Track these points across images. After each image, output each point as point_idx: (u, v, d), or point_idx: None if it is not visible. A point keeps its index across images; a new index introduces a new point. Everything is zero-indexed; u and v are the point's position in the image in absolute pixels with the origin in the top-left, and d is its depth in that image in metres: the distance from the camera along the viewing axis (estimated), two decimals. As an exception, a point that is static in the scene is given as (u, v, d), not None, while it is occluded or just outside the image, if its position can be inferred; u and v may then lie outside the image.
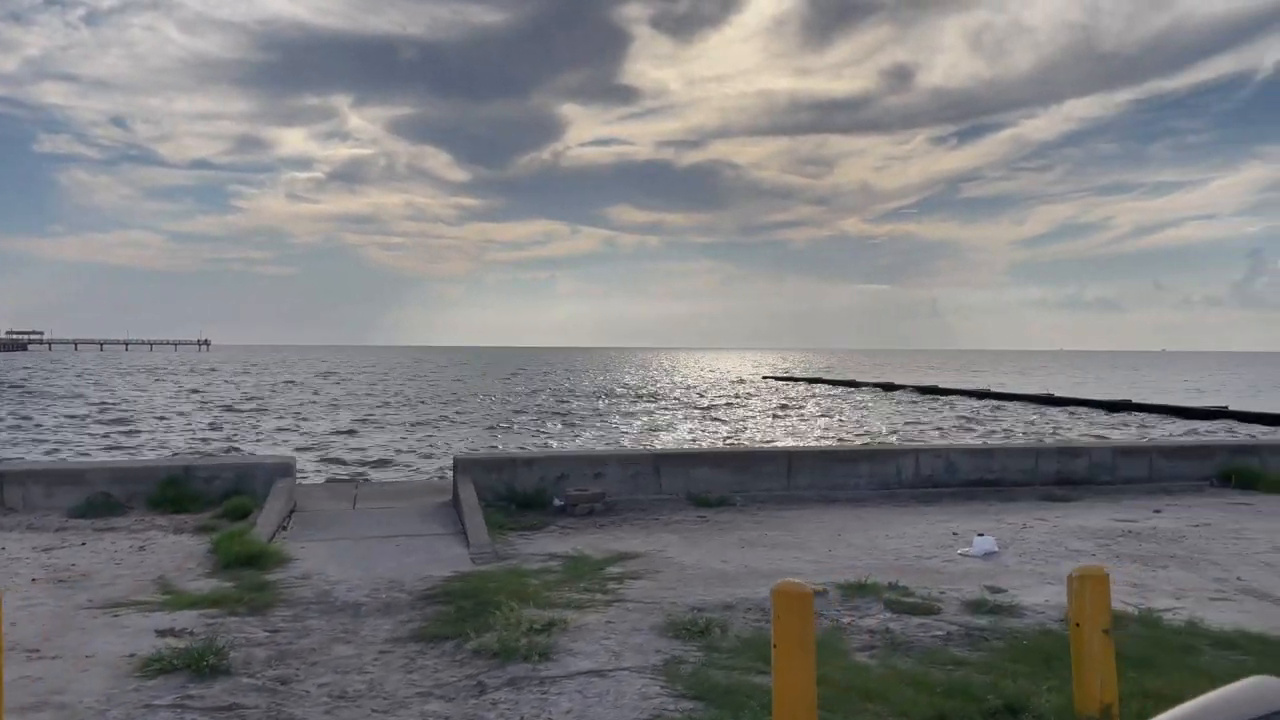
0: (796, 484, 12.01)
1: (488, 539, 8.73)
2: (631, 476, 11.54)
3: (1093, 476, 12.80)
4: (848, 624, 6.45)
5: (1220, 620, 6.51)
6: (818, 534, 9.48)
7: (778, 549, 8.78)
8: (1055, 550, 8.72)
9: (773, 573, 7.83)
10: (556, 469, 11.29)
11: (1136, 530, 9.69)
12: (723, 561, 8.22)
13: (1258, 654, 5.80)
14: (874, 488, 12.22)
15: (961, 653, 5.86)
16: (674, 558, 8.35)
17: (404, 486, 12.83)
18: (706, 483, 11.67)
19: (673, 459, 11.79)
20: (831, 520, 10.28)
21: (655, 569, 7.92)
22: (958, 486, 12.38)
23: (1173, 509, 11.11)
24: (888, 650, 5.90)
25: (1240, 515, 10.66)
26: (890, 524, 10.06)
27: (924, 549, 8.83)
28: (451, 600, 6.90)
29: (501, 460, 11.37)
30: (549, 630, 6.02)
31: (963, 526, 9.87)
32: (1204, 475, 13.11)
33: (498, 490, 10.99)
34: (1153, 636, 6.09)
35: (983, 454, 12.62)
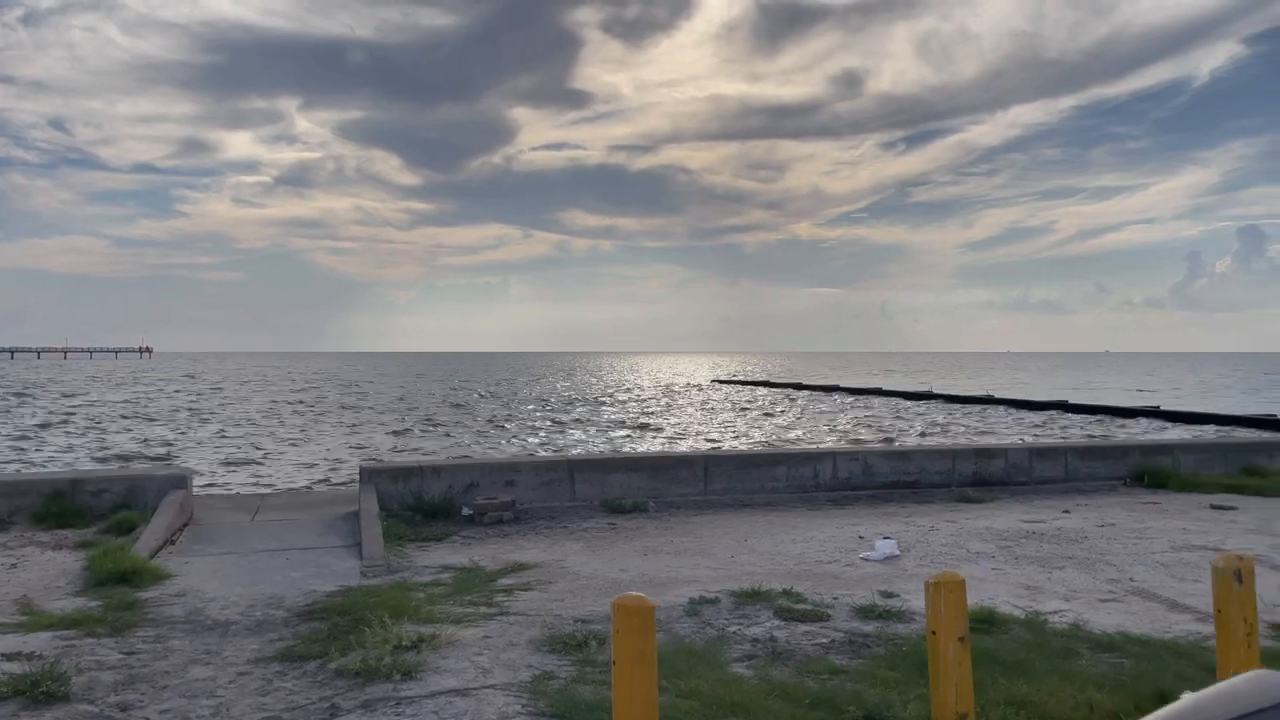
0: (713, 488, 11.89)
1: (382, 551, 8.46)
2: (545, 484, 11.33)
3: (1009, 477, 12.87)
4: (734, 633, 6.32)
5: (1105, 622, 6.49)
6: (724, 540, 9.36)
7: (680, 556, 8.63)
8: (957, 553, 8.69)
9: (668, 581, 7.70)
10: (466, 477, 11.04)
11: (1041, 531, 9.71)
12: (620, 571, 8.04)
13: (1136, 656, 5.77)
14: (791, 491, 12.15)
15: (841, 661, 5.75)
16: (571, 567, 8.16)
17: (312, 497, 12.48)
18: (622, 489, 11.50)
19: (587, 465, 11.60)
20: (742, 525, 10.17)
21: (549, 580, 7.73)
22: (875, 489, 12.37)
23: (1082, 509, 11.19)
24: (768, 660, 5.77)
25: (1146, 515, 10.76)
26: (799, 528, 9.97)
27: (828, 553, 8.74)
28: (328, 617, 6.64)
29: (409, 469, 11.07)
30: (419, 647, 5.80)
31: (871, 530, 9.81)
32: (1118, 475, 13.26)
33: (405, 500, 10.71)
34: (1035, 640, 6.04)
35: (899, 456, 12.62)
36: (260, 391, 69.78)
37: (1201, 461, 13.59)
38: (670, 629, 6.38)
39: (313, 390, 72.38)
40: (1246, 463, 13.67)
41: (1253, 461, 13.72)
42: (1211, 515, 10.68)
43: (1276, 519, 10.41)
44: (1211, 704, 1.61)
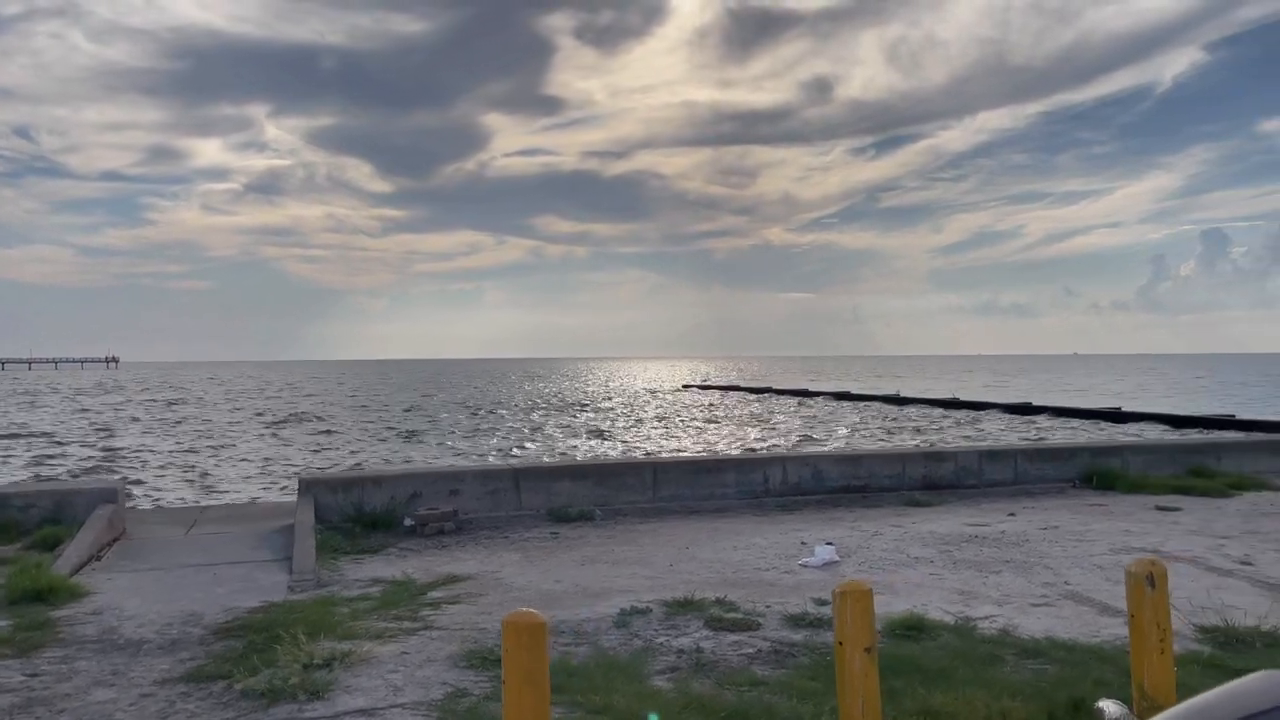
0: (662, 495, 11.78)
1: (312, 565, 8.27)
2: (490, 493, 11.17)
3: (959, 480, 12.87)
4: (661, 644, 6.20)
5: (1035, 627, 6.45)
6: (666, 548, 9.25)
7: (619, 565, 8.51)
8: (897, 557, 8.63)
9: (603, 591, 7.58)
10: (409, 487, 10.86)
11: (984, 534, 9.69)
12: (556, 581, 7.91)
13: (1060, 662, 5.72)
14: (741, 497, 12.06)
15: (764, 672, 5.65)
16: (506, 579, 8.02)
17: (253, 510, 12.23)
18: (569, 497, 11.36)
19: (533, 473, 11.45)
20: (686, 532, 10.07)
21: (481, 592, 7.58)
22: (825, 494, 12.31)
23: (1028, 511, 11.19)
24: (690, 672, 5.66)
25: (1091, 517, 10.78)
26: (744, 535, 9.88)
27: (768, 560, 8.66)
28: (246, 634, 6.45)
29: (349, 479, 10.88)
30: (331, 665, 5.63)
31: (816, 535, 9.74)
32: (1068, 477, 13.30)
33: (345, 511, 10.51)
34: (960, 647, 5.98)
35: (849, 460, 12.58)
36: (220, 401, 68.90)
37: (1150, 463, 13.66)
38: (596, 641, 6.26)
39: (272, 399, 71.59)
40: (1194, 463, 13.76)
41: (1200, 462, 13.81)
42: (1155, 517, 10.71)
43: (1218, 520, 10.46)
44: (1219, 703, 1.59)
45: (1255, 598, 7.14)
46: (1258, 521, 10.35)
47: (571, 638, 6.34)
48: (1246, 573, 7.97)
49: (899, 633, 6.30)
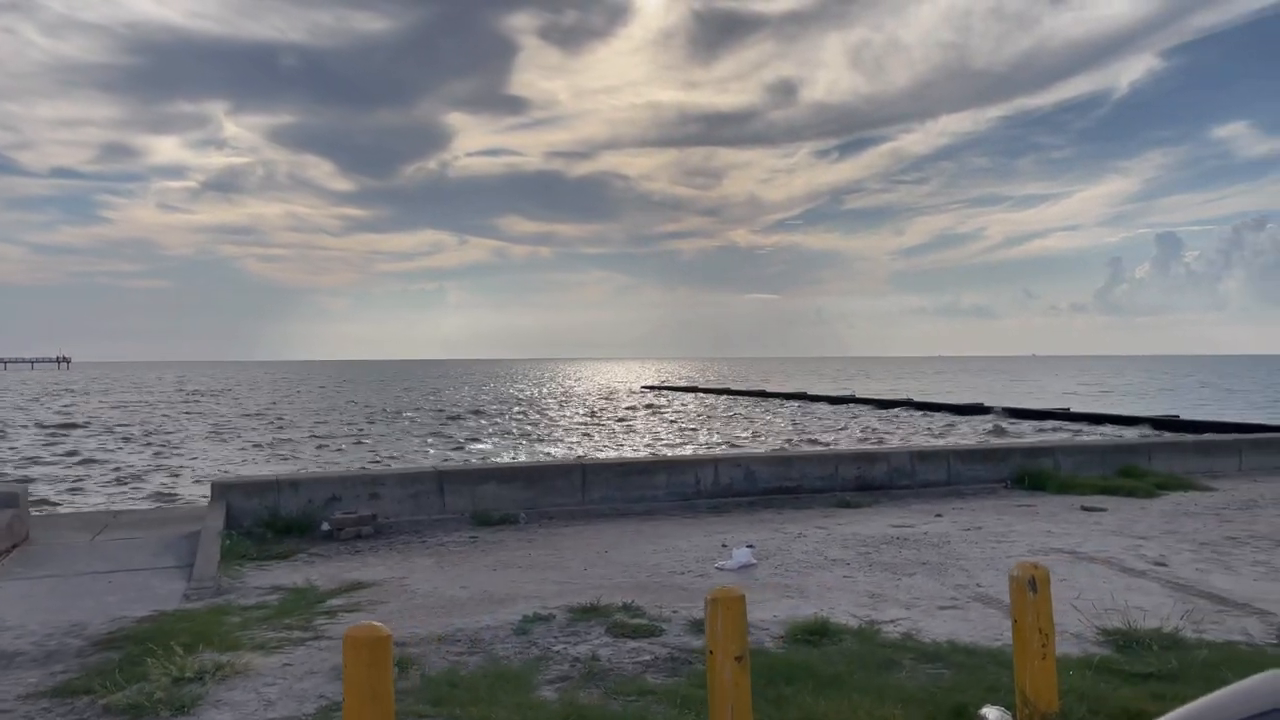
0: (591, 497, 11.62)
1: (213, 572, 7.99)
2: (412, 496, 10.93)
3: (892, 481, 12.84)
4: (558, 652, 6.04)
5: (939, 631, 6.37)
6: (584, 551, 9.08)
7: (532, 570, 8.33)
8: (814, 560, 8.54)
9: (509, 597, 7.40)
10: (326, 490, 10.59)
11: (906, 536, 9.63)
12: (462, 587, 7.71)
13: (957, 666, 5.64)
14: (672, 499, 11.93)
15: (657, 680, 5.51)
16: (412, 585, 7.80)
17: (168, 514, 11.88)
18: (495, 499, 11.16)
19: (457, 476, 11.23)
20: (610, 535, 9.91)
21: (383, 599, 7.36)
22: (756, 495, 12.22)
23: (956, 512, 11.18)
24: (581, 681, 5.50)
25: (1016, 517, 10.78)
26: (667, 537, 9.75)
27: (685, 563, 8.53)
28: (126, 646, 6.18)
29: (265, 483, 10.58)
30: (204, 679, 5.40)
31: (739, 537, 9.63)
32: (1000, 477, 13.33)
33: (260, 516, 10.22)
34: (860, 651, 5.88)
35: (781, 462, 12.50)
36: (166, 402, 67.63)
37: (1081, 463, 13.75)
38: (491, 650, 6.08)
39: (218, 400, 70.42)
40: (1125, 464, 13.86)
41: (1131, 463, 13.92)
42: (1079, 517, 10.74)
43: (1140, 520, 10.51)
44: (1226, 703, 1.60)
45: (1163, 599, 7.13)
46: (1179, 522, 10.41)
47: (466, 646, 6.16)
48: (1159, 574, 7.97)
49: (801, 637, 6.19)
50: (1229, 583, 7.63)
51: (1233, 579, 7.76)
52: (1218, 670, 5.38)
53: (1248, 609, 6.87)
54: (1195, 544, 9.17)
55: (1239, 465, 14.91)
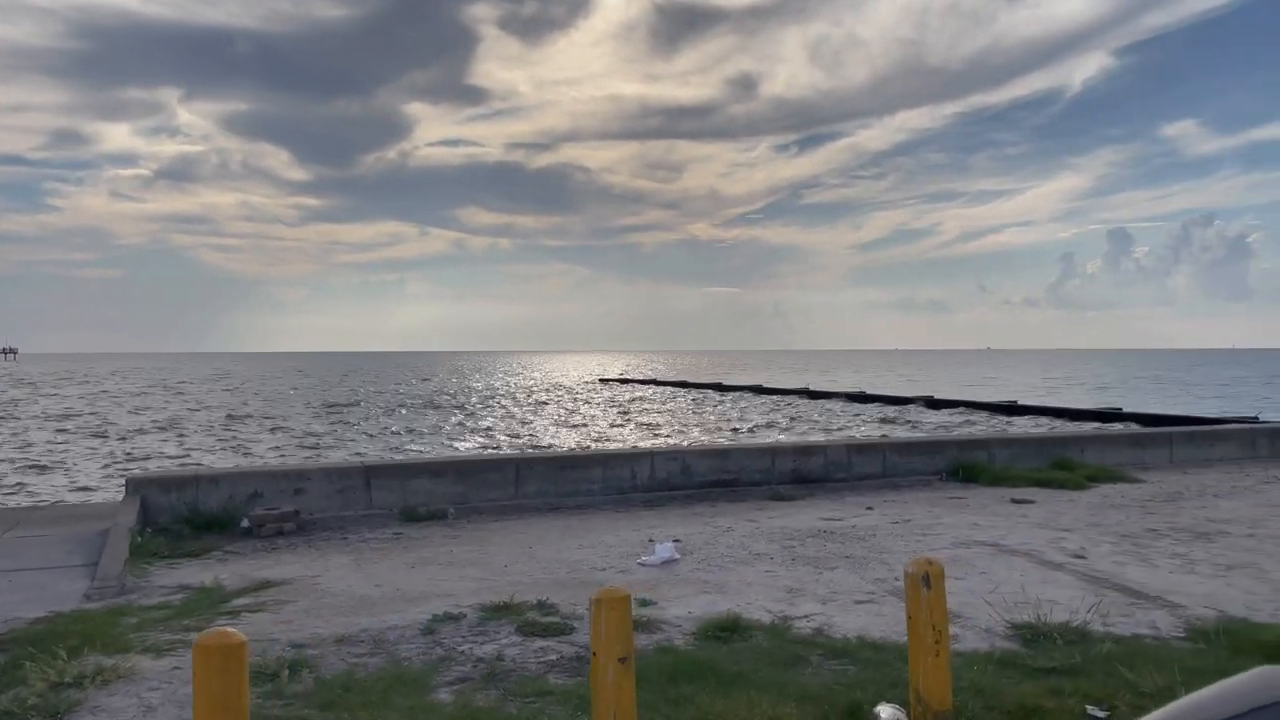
0: (525, 492, 11.47)
1: (118, 572, 7.73)
2: (339, 491, 10.71)
3: (828, 474, 12.85)
4: (463, 653, 5.89)
5: (851, 626, 6.33)
6: (509, 548, 8.94)
7: (452, 567, 8.17)
8: (738, 555, 8.48)
9: (423, 596, 7.24)
10: (249, 486, 10.33)
11: (835, 529, 9.62)
12: (376, 586, 7.53)
13: (864, 662, 5.60)
14: (607, 493, 11.83)
15: (559, 680, 5.39)
16: (325, 584, 7.61)
17: (83, 510, 11.51)
18: (425, 495, 10.97)
19: (386, 470, 11.02)
20: (538, 531, 9.78)
21: (291, 599, 7.16)
22: (693, 489, 12.16)
23: (888, 505, 11.20)
24: (481, 683, 5.37)
25: (946, 509, 10.82)
26: (595, 532, 9.64)
27: (609, 559, 8.42)
28: (13, 649, 5.94)
29: (184, 478, 10.29)
30: (84, 683, 5.18)
31: (670, 532, 9.55)
32: (935, 470, 13.40)
33: (178, 512, 9.95)
34: (769, 648, 5.82)
35: (718, 454, 12.45)
36: (100, 394, 66.20)
37: (1016, 456, 13.86)
38: (394, 651, 5.92)
39: (154, 393, 69.11)
40: (1059, 456, 14.01)
41: (1065, 455, 14.06)
42: (1007, 509, 10.81)
43: (1066, 512, 10.60)
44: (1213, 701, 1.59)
45: (1077, 591, 7.17)
46: (1104, 514, 10.52)
47: (369, 647, 6.00)
48: (1077, 566, 8.02)
49: (712, 634, 6.12)
50: (1144, 575, 7.69)
51: (1148, 571, 7.83)
52: (1120, 664, 5.39)
53: (1159, 602, 6.92)
54: (1116, 536, 9.25)
55: (1170, 457, 15.14)
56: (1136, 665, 5.34)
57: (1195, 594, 7.10)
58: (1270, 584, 7.42)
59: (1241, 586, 7.34)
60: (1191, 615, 6.54)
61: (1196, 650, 5.71)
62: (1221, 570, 7.85)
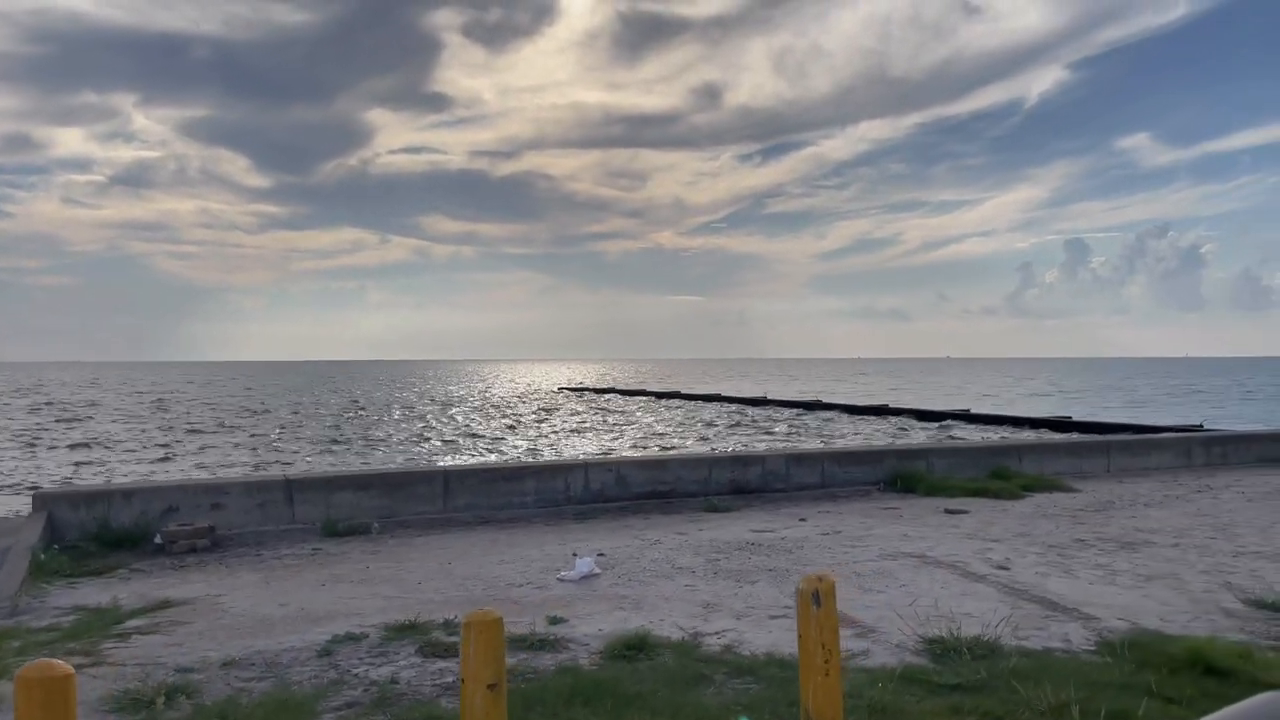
0: (455, 505, 11.24)
1: (13, 591, 7.38)
2: (259, 506, 10.40)
3: (766, 484, 12.76)
4: (357, 675, 5.67)
5: (762, 642, 6.20)
6: (427, 563, 8.71)
7: (364, 584, 7.93)
8: (661, 569, 8.33)
9: (327, 615, 7.00)
10: (163, 500, 10.00)
11: (763, 541, 9.51)
12: (281, 605, 7.27)
13: (768, 680, 5.46)
14: (541, 505, 11.63)
15: (452, 704, 5.18)
16: (228, 604, 7.33)
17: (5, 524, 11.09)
18: (350, 508, 10.70)
19: (308, 484, 10.72)
20: (461, 545, 9.55)
21: (188, 620, 6.88)
22: (628, 500, 12.00)
23: (823, 516, 11.12)
24: (370, 708, 5.15)
25: (879, 520, 10.76)
26: (520, 546, 9.44)
27: (529, 574, 8.23)
28: (-120, 677, 5.62)
29: (94, 493, 9.94)
30: (-60, 715, 4.90)
31: (597, 545, 9.38)
32: (874, 480, 13.37)
33: (88, 528, 9.59)
34: (674, 666, 5.67)
35: (655, 465, 12.30)
36: (43, 405, 64.69)
37: (954, 465, 13.88)
38: (285, 674, 5.68)
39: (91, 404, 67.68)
40: (997, 465, 14.05)
41: (1003, 464, 14.11)
42: (940, 520, 10.77)
43: (998, 522, 10.59)
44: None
45: (995, 603, 7.10)
46: (1034, 523, 10.52)
47: (259, 671, 5.75)
48: (999, 577, 7.97)
49: (618, 653, 5.95)
50: (1064, 586, 7.66)
51: (1069, 582, 7.80)
52: (1024, 680, 5.31)
53: (1075, 614, 6.87)
54: (1043, 546, 9.23)
55: (1107, 466, 15.26)
56: (1041, 680, 5.26)
57: (1112, 605, 7.07)
58: (1187, 595, 7.41)
59: (1158, 598, 7.33)
60: (1105, 627, 6.50)
61: (1103, 664, 5.64)
62: (1141, 581, 7.84)
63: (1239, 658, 5.56)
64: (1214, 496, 12.62)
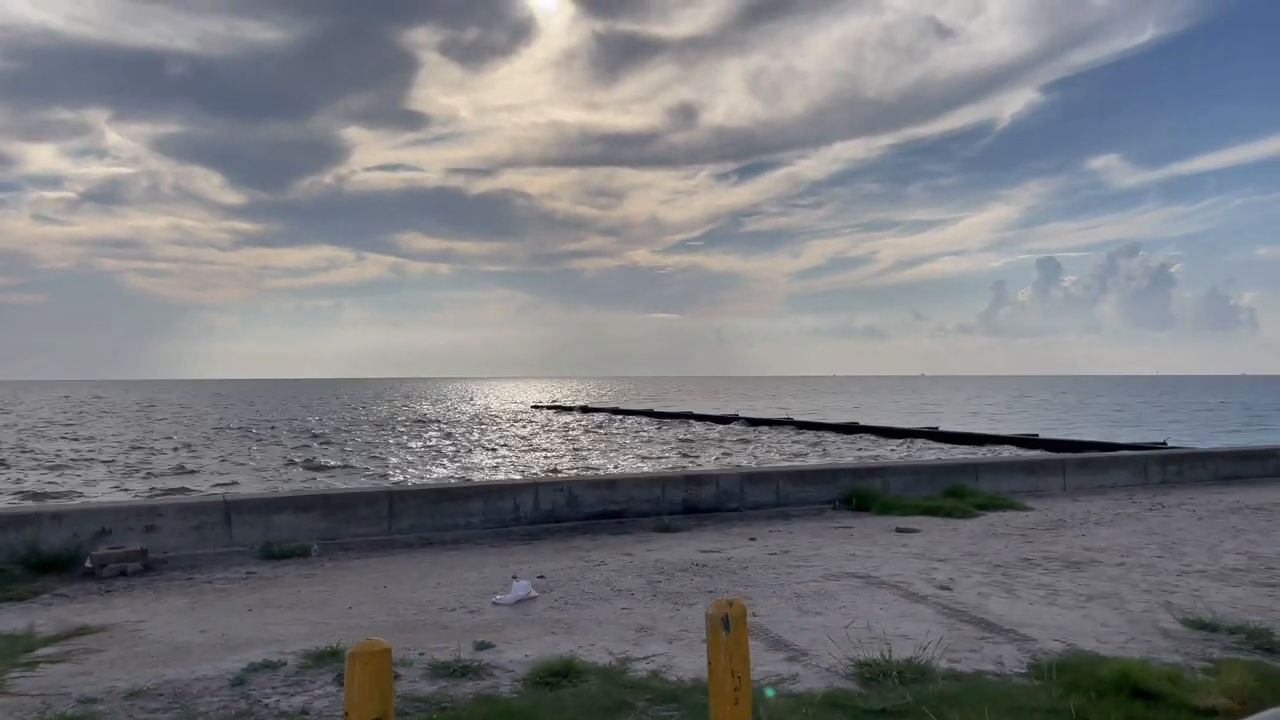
0: (399, 526, 11.02)
1: (-79, 619, 7.13)
2: (195, 528, 10.14)
3: (720, 504, 12.65)
4: (268, 706, 5.48)
5: (690, 668, 6.05)
6: (361, 587, 8.50)
7: (293, 610, 7.72)
8: (600, 592, 8.17)
9: (248, 642, 6.79)
10: (95, 523, 9.72)
11: (710, 562, 9.38)
12: (202, 632, 7.05)
13: (690, 707, 5.33)
14: (489, 526, 11.44)
15: (360, 735, 5.00)
16: (148, 631, 7.10)
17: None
18: (290, 530, 10.46)
19: (247, 505, 10.48)
20: (400, 568, 9.35)
21: (103, 647, 6.65)
22: (579, 520, 11.84)
23: (774, 535, 11.01)
24: (272, 740, 4.97)
25: (829, 540, 10.66)
26: (460, 569, 9.25)
27: (465, 598, 8.04)
28: None
29: (23, 515, 9.65)
30: None
31: (540, 567, 9.22)
32: (829, 498, 13.29)
33: (15, 551, 9.29)
34: (597, 694, 5.52)
35: (606, 485, 12.15)
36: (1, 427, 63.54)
37: (910, 484, 13.83)
38: (193, 705, 5.48)
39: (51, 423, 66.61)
40: (953, 483, 14.01)
41: (959, 482, 14.08)
42: (889, 539, 10.69)
43: (947, 541, 10.52)
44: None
45: (932, 625, 7.01)
46: (984, 543, 10.46)
47: (165, 702, 5.54)
48: (941, 598, 7.88)
49: (542, 680, 5.79)
50: (1004, 607, 7.58)
51: (1009, 603, 7.72)
52: (951, 704, 5.21)
53: (1011, 635, 6.79)
54: (989, 566, 9.17)
55: (1063, 484, 15.28)
56: (967, 705, 5.17)
57: (1049, 626, 7.00)
58: (1126, 615, 7.36)
59: (1097, 618, 7.26)
60: (1039, 649, 6.42)
61: (1032, 688, 5.56)
62: (1082, 601, 7.78)
63: (1167, 680, 5.49)
64: (1165, 514, 12.64)
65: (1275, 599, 7.88)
